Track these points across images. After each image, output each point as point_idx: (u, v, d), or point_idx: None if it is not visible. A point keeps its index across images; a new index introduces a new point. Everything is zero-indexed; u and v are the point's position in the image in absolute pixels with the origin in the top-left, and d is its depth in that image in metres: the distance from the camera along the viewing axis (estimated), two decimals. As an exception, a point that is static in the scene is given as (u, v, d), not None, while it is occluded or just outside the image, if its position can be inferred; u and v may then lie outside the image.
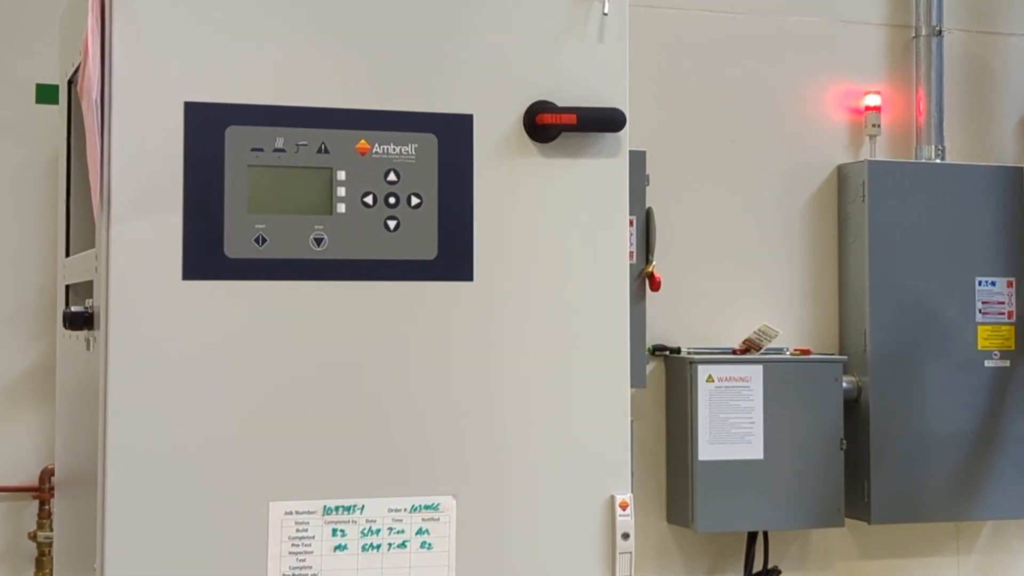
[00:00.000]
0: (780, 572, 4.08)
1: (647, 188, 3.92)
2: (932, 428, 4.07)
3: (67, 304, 2.49)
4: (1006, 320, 4.17)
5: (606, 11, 2.21)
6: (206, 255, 2.03)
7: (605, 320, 2.20)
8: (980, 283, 4.15)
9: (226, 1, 2.06)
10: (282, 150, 2.07)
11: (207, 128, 2.04)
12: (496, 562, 2.14)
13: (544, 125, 2.16)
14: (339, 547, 2.08)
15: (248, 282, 2.05)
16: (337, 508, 2.08)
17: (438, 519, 2.12)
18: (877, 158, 4.19)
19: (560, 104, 2.17)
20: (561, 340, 2.18)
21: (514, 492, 2.15)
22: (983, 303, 4.15)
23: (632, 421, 2.25)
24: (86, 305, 2.14)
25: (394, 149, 2.12)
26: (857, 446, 4.03)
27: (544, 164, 2.18)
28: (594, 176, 2.20)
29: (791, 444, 3.91)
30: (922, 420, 4.07)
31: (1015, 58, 4.46)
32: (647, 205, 3.92)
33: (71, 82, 2.49)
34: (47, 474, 3.51)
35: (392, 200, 2.11)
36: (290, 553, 2.06)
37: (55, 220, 2.88)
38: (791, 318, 4.15)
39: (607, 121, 2.19)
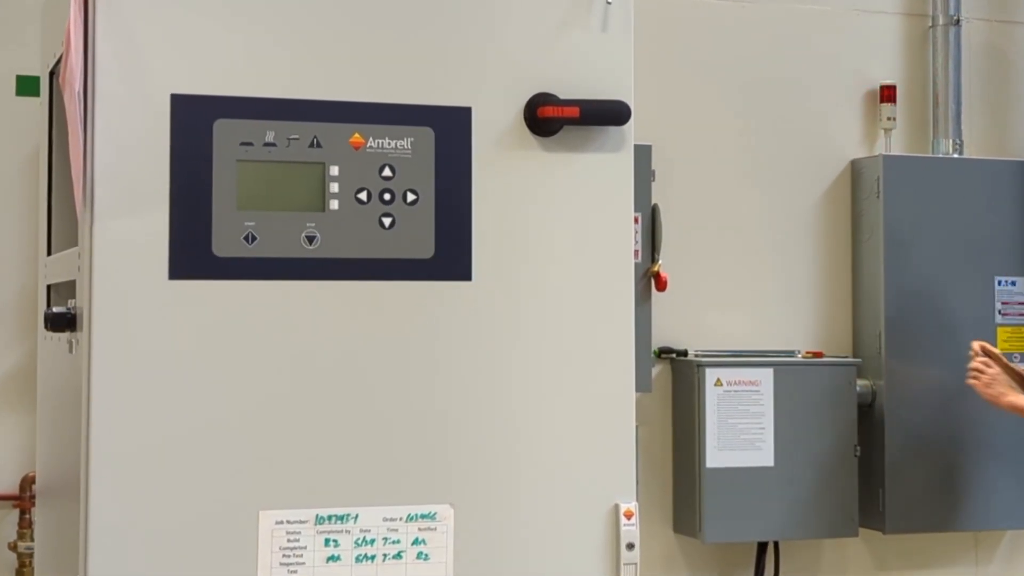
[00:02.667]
0: (791, 582, 4.05)
1: (653, 184, 3.89)
2: (950, 434, 4.03)
3: (49, 305, 2.49)
4: (1026, 321, 4.13)
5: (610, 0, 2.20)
6: (193, 254, 2.02)
7: (609, 322, 2.19)
8: (1000, 283, 4.11)
9: (213, -12, 2.07)
10: (272, 144, 2.07)
11: (194, 121, 2.03)
12: (496, 573, 2.13)
13: (545, 118, 2.15)
14: (332, 558, 2.07)
15: (237, 282, 2.04)
16: (330, 517, 2.07)
17: (435, 528, 2.10)
18: (892, 152, 4.16)
19: (562, 96, 2.16)
20: (563, 342, 2.17)
21: (514, 500, 2.14)
22: (1003, 304, 4.12)
23: (637, 427, 2.24)
24: (68, 306, 2.14)
25: (389, 143, 2.11)
26: (871, 453, 4.00)
27: (545, 159, 2.17)
28: (598, 171, 2.19)
29: (803, 450, 3.87)
30: (939, 426, 4.03)
31: (1036, 48, 4.40)
32: (653, 202, 3.90)
33: (53, 74, 2.50)
34: (28, 482, 3.49)
35: (387, 196, 2.10)
36: (281, 564, 2.04)
37: (36, 217, 2.86)
38: (803, 319, 4.11)
39: (611, 114, 2.17)
